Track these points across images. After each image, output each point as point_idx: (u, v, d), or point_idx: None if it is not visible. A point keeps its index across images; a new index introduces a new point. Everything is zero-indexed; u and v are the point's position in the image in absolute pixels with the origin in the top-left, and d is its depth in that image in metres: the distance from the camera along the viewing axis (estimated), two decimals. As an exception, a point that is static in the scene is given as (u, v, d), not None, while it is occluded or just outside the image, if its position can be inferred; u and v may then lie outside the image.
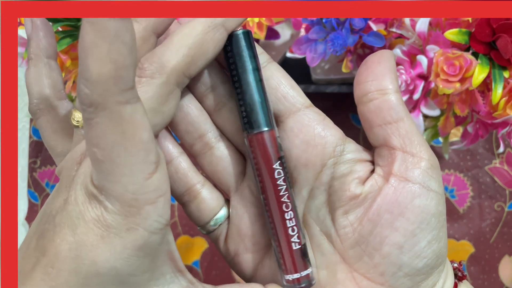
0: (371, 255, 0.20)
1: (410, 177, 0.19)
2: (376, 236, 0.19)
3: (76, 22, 0.30)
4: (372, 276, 0.20)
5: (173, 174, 0.20)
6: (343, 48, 0.32)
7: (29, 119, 0.50)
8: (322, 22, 0.32)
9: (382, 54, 0.20)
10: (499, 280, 0.48)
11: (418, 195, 0.19)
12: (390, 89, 0.19)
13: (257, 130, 0.19)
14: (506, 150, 0.49)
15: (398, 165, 0.19)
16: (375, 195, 0.19)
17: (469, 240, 0.48)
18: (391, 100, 0.19)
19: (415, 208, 0.19)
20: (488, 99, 0.31)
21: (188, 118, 0.20)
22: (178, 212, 0.49)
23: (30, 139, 0.50)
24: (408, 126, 0.19)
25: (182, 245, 0.48)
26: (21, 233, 0.49)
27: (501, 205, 0.48)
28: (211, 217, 0.21)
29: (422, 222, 0.19)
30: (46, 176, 0.49)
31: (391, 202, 0.19)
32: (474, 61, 0.29)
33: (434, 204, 0.19)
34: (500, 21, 0.28)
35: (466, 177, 0.49)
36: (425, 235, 0.19)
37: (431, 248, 0.19)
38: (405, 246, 0.19)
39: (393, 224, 0.19)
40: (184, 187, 0.21)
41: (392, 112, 0.19)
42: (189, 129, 0.20)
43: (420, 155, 0.19)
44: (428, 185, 0.19)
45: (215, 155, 0.21)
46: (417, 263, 0.19)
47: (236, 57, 0.19)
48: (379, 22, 0.33)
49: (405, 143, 0.19)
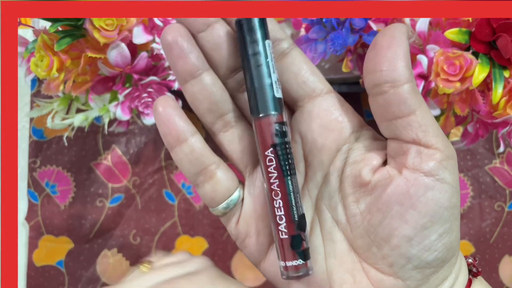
0: (380, 246, 0.19)
1: (424, 169, 0.18)
2: (386, 227, 0.19)
3: (76, 22, 0.30)
4: (380, 267, 0.20)
5: (188, 154, 0.20)
6: (343, 48, 0.32)
7: (29, 119, 0.50)
8: (322, 22, 0.32)
9: (393, 34, 0.18)
10: (499, 280, 0.48)
11: (431, 188, 0.18)
12: (401, 80, 0.18)
13: (255, 115, 0.20)
14: (506, 150, 0.49)
15: (412, 158, 0.18)
16: (385, 184, 0.19)
17: (469, 240, 0.48)
18: (402, 93, 0.18)
19: (428, 201, 0.18)
20: (488, 98, 0.31)
21: (212, 97, 0.20)
22: (178, 212, 0.49)
23: (30, 139, 0.50)
24: (420, 119, 0.18)
25: (182, 245, 0.48)
26: (21, 233, 0.49)
27: (501, 205, 0.48)
28: (226, 198, 0.21)
29: (434, 215, 0.18)
30: (46, 176, 0.49)
31: (402, 194, 0.19)
32: (474, 60, 0.29)
33: (447, 197, 0.18)
34: (500, 21, 0.28)
35: (466, 177, 0.49)
36: (437, 229, 0.18)
37: (442, 241, 0.19)
38: (414, 239, 0.19)
39: (403, 216, 0.19)
40: (199, 167, 0.21)
41: (402, 107, 0.18)
42: (212, 108, 0.20)
43: (435, 146, 0.18)
44: (443, 177, 0.18)
45: (235, 135, 0.21)
46: (427, 256, 0.19)
47: (239, 43, 0.19)
48: (379, 22, 0.33)
49: (418, 137, 0.18)
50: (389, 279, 0.19)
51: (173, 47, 0.19)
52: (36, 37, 0.33)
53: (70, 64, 0.32)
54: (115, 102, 0.36)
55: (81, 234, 0.49)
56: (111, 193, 0.49)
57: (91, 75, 0.35)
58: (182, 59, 0.19)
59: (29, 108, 0.50)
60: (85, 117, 0.38)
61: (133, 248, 0.49)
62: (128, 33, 0.32)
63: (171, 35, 0.19)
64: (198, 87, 0.20)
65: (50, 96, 0.38)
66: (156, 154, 0.49)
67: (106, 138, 0.50)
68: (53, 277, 0.49)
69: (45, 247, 0.49)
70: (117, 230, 0.49)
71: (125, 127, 0.40)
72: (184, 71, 0.20)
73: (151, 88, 0.36)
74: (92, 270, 0.49)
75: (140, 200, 0.49)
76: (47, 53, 0.31)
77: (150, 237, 0.49)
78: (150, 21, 0.34)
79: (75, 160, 0.49)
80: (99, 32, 0.30)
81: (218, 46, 0.20)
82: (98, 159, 0.49)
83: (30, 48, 0.33)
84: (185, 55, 0.19)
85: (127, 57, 0.33)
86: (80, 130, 0.49)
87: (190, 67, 0.20)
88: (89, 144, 0.50)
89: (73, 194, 0.49)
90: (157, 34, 0.34)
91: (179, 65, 0.20)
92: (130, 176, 0.49)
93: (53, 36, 0.31)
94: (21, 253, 0.48)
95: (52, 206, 0.49)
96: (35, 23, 0.34)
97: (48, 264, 0.49)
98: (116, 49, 0.32)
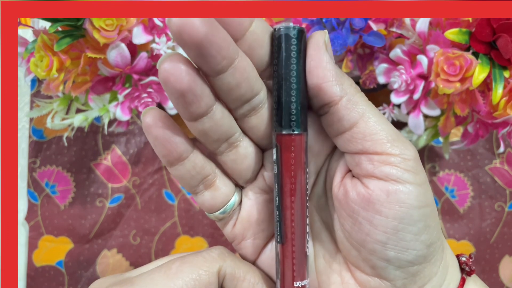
0: (359, 250, 0.19)
1: (378, 175, 0.18)
2: (358, 232, 0.19)
3: (76, 22, 0.30)
4: (364, 269, 0.20)
5: (190, 170, 0.20)
6: (343, 48, 0.32)
7: (29, 119, 0.50)
8: (322, 22, 0.32)
9: (314, 51, 0.18)
10: (499, 280, 0.48)
11: (393, 192, 0.18)
12: (334, 100, 0.18)
13: (288, 131, 0.19)
14: (507, 150, 0.49)
15: (365, 166, 0.19)
16: (348, 193, 0.19)
17: (469, 240, 0.48)
18: (339, 110, 0.18)
19: (392, 205, 0.18)
20: (489, 99, 0.31)
21: (221, 130, 0.19)
22: (178, 212, 0.49)
23: (30, 139, 0.50)
24: (364, 129, 0.18)
25: (182, 245, 0.48)
26: (20, 233, 0.49)
27: (502, 205, 0.48)
28: (225, 203, 0.21)
29: (403, 217, 0.18)
30: (45, 176, 0.49)
31: (364, 201, 0.19)
32: (474, 61, 0.29)
33: (413, 197, 0.18)
34: (500, 21, 0.28)
35: (466, 177, 0.49)
36: (410, 229, 0.18)
37: (419, 239, 0.18)
38: (388, 242, 0.18)
39: (371, 222, 0.19)
40: (200, 179, 0.21)
41: (342, 123, 0.18)
42: (221, 138, 0.20)
43: (386, 152, 0.18)
44: (403, 179, 0.18)
45: (239, 154, 0.20)
46: (406, 256, 0.19)
47: (285, 54, 0.18)
48: (379, 22, 0.33)
49: (364, 147, 0.18)
50: (374, 280, 0.19)
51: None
52: (36, 37, 0.33)
53: (70, 64, 0.32)
54: (115, 102, 0.36)
55: (81, 234, 0.49)
56: (111, 193, 0.49)
57: (91, 75, 0.35)
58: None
59: (29, 108, 0.50)
60: (85, 117, 0.38)
61: (133, 248, 0.49)
62: (128, 33, 0.32)
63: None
64: (208, 124, 0.19)
65: (50, 96, 0.38)
66: (155, 154, 0.49)
67: (106, 138, 0.50)
68: (53, 277, 0.48)
69: (45, 247, 0.49)
70: (117, 230, 0.49)
71: (125, 127, 0.40)
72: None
73: (151, 88, 0.36)
74: (92, 270, 0.49)
75: (140, 200, 0.49)
76: (47, 53, 0.31)
77: (150, 237, 0.49)
78: (150, 21, 0.34)
79: (75, 160, 0.49)
80: (99, 32, 0.30)
81: (238, 85, 0.18)
82: (98, 159, 0.49)
83: (30, 48, 0.33)
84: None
85: (127, 57, 0.33)
86: (80, 130, 0.49)
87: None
88: (89, 144, 0.50)
89: (73, 194, 0.49)
90: (157, 34, 0.34)
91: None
92: (130, 176, 0.49)
93: (53, 36, 0.31)
94: (21, 253, 0.48)
95: (52, 206, 0.49)
96: (35, 23, 0.34)
97: (48, 264, 0.49)
98: (116, 49, 0.32)
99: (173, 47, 0.35)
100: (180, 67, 0.17)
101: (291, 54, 0.18)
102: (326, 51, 0.18)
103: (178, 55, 0.17)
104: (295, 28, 0.18)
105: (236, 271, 0.20)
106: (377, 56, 0.35)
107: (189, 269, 0.19)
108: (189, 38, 0.16)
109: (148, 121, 0.19)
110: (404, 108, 0.34)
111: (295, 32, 0.18)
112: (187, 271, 0.19)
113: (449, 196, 0.48)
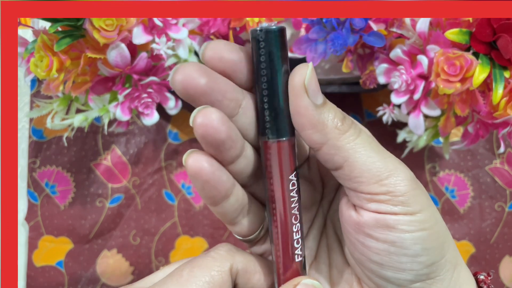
0: (362, 266, 0.20)
1: (367, 208, 0.18)
2: (355, 252, 0.19)
3: (76, 22, 0.30)
4: (369, 284, 0.20)
5: (234, 204, 0.20)
6: (343, 48, 0.32)
7: (29, 119, 0.50)
8: (322, 22, 0.32)
9: (295, 99, 0.18)
10: (500, 280, 0.48)
11: (381, 219, 0.18)
12: (316, 147, 0.18)
13: (274, 138, 0.18)
14: (507, 150, 0.49)
15: (353, 200, 0.19)
16: (341, 214, 0.20)
17: (469, 240, 0.48)
18: (324, 154, 0.18)
19: (381, 229, 0.18)
20: (489, 99, 0.31)
21: (252, 164, 0.20)
22: (178, 213, 0.49)
23: (30, 139, 0.49)
24: (349, 172, 0.18)
25: (182, 245, 0.48)
26: (20, 233, 0.49)
27: (502, 205, 0.48)
28: (261, 224, 0.21)
29: (394, 241, 0.18)
30: (45, 176, 0.49)
31: (354, 224, 0.19)
32: (474, 61, 0.29)
33: (405, 222, 0.18)
34: (500, 21, 0.28)
35: (466, 177, 0.49)
36: (405, 252, 0.18)
37: (416, 261, 0.18)
38: (384, 264, 0.18)
39: (364, 243, 0.19)
40: (240, 210, 0.20)
41: (328, 164, 0.18)
42: (253, 172, 0.20)
43: (374, 191, 0.18)
44: (393, 211, 0.18)
45: (242, 163, 0.20)
46: (405, 276, 0.18)
47: (268, 56, 0.17)
48: (380, 22, 0.33)
49: (352, 187, 0.18)
50: None
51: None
52: (36, 37, 0.33)
53: (70, 65, 0.32)
54: (115, 103, 0.36)
55: (81, 234, 0.49)
56: (111, 193, 0.49)
57: (91, 76, 0.35)
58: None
59: (29, 108, 0.50)
60: (84, 118, 0.38)
61: (133, 248, 0.49)
62: (128, 33, 0.32)
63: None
64: (243, 162, 0.19)
65: (49, 96, 0.38)
66: (156, 154, 0.49)
67: (105, 139, 0.50)
68: (53, 277, 0.48)
69: (45, 247, 0.49)
70: (117, 230, 0.49)
71: (124, 127, 0.40)
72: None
73: (151, 88, 0.36)
74: (92, 270, 0.49)
75: (140, 200, 0.49)
76: (46, 53, 0.31)
77: (150, 238, 0.49)
78: (150, 21, 0.34)
79: (75, 160, 0.49)
80: (99, 33, 0.30)
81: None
82: (98, 159, 0.49)
83: (30, 49, 0.33)
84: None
85: (127, 57, 0.33)
86: (80, 131, 0.49)
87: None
88: (89, 144, 0.49)
89: (72, 194, 0.49)
90: (157, 35, 0.34)
91: None
92: (130, 177, 0.49)
93: (52, 37, 0.31)
94: (21, 253, 0.48)
95: (52, 206, 0.49)
96: (35, 23, 0.34)
97: (48, 264, 0.49)
98: (116, 50, 0.32)
99: (173, 47, 0.35)
100: (213, 118, 0.17)
101: (260, 59, 0.18)
102: (305, 94, 0.17)
103: (210, 109, 0.17)
104: (262, 30, 0.17)
105: (247, 265, 0.20)
106: (377, 56, 0.35)
107: (200, 273, 0.18)
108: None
109: (194, 166, 0.18)
110: (404, 108, 0.34)
111: (262, 34, 0.17)
112: (199, 274, 0.18)
113: (449, 196, 0.48)
